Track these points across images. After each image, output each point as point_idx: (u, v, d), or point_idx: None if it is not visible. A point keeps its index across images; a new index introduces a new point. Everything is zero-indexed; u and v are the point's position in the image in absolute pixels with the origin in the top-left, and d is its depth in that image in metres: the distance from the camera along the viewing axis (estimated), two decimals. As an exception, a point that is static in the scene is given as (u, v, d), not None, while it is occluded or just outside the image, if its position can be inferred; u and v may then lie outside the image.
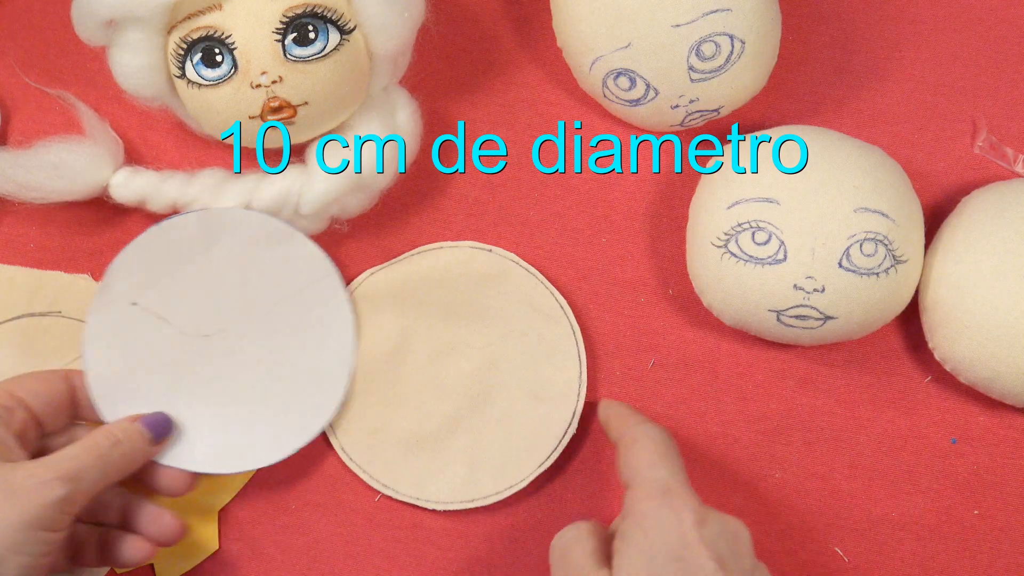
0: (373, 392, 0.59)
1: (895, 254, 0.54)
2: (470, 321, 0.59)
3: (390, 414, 0.59)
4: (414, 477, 0.58)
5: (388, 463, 0.58)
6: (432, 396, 0.59)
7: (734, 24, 0.54)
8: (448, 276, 0.60)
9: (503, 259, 0.60)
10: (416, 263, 0.60)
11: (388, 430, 0.59)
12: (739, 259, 0.54)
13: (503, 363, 0.59)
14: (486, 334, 0.59)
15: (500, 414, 0.59)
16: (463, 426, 0.59)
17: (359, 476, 0.58)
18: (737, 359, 0.60)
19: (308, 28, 0.52)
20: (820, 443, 0.59)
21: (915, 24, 0.62)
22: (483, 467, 0.58)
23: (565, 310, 0.60)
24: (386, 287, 0.59)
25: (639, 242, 0.61)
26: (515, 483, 0.58)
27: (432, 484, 0.58)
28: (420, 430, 0.59)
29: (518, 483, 0.58)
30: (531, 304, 0.59)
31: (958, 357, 0.56)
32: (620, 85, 0.56)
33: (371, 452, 0.58)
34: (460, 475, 0.58)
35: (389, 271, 0.60)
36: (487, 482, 0.58)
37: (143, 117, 0.61)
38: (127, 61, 0.54)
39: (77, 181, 0.57)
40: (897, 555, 0.59)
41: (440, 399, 0.59)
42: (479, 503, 0.58)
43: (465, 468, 0.58)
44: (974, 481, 0.59)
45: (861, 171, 0.55)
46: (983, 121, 0.61)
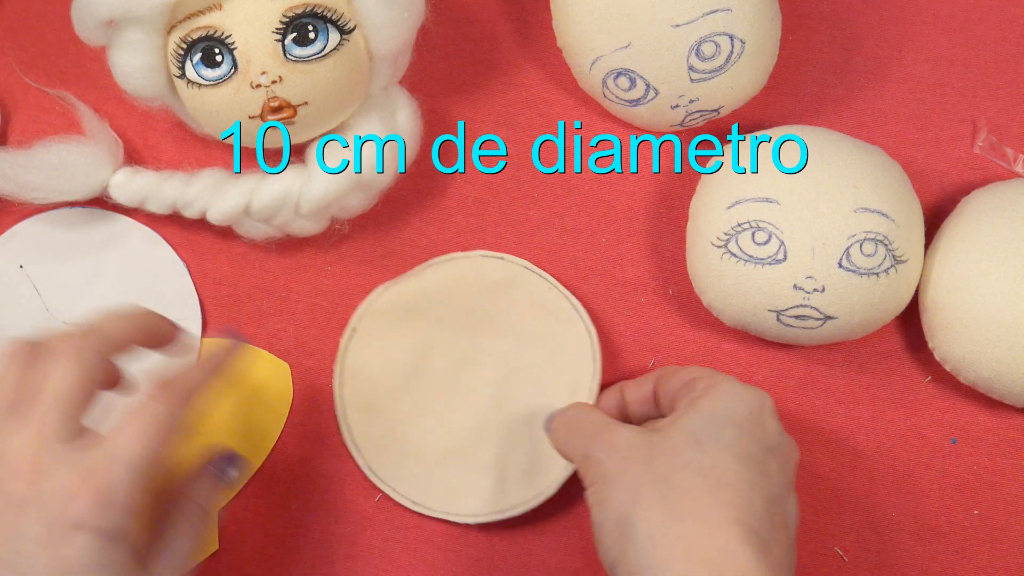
0: (395, 408, 0.59)
1: (895, 254, 0.54)
2: (486, 330, 0.59)
3: (413, 429, 0.58)
4: (443, 492, 0.58)
5: (415, 479, 0.58)
6: (454, 408, 0.59)
7: (734, 24, 0.54)
8: (461, 286, 0.60)
9: (515, 266, 0.60)
10: (428, 275, 0.60)
11: (413, 445, 0.58)
12: (739, 259, 0.54)
13: (522, 369, 0.59)
14: (503, 341, 0.59)
15: (523, 421, 0.58)
16: (488, 436, 0.58)
17: (388, 494, 0.58)
18: (737, 359, 0.60)
19: (308, 28, 0.52)
20: (820, 443, 0.59)
21: (915, 24, 0.62)
22: (511, 476, 0.58)
23: (579, 311, 0.59)
24: (400, 302, 0.59)
25: (639, 242, 0.61)
26: (543, 490, 0.58)
27: (462, 497, 0.58)
28: (445, 443, 0.58)
29: (546, 489, 0.58)
30: (545, 308, 0.59)
31: (958, 357, 0.56)
32: (620, 85, 0.56)
33: (397, 469, 0.58)
34: (489, 486, 0.58)
35: (402, 285, 0.60)
36: (516, 491, 0.58)
37: (143, 117, 0.61)
38: (127, 61, 0.54)
39: (77, 181, 0.57)
40: (897, 555, 0.59)
41: (463, 410, 0.59)
42: (509, 513, 0.57)
43: (493, 478, 0.58)
44: (974, 481, 0.59)
45: (861, 171, 0.55)
46: (983, 121, 0.61)
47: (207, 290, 0.60)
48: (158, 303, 0.59)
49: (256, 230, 0.58)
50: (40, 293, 0.59)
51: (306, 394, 0.60)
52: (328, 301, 0.60)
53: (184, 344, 0.52)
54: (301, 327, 0.60)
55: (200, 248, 0.61)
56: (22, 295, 0.59)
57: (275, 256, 0.61)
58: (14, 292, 0.60)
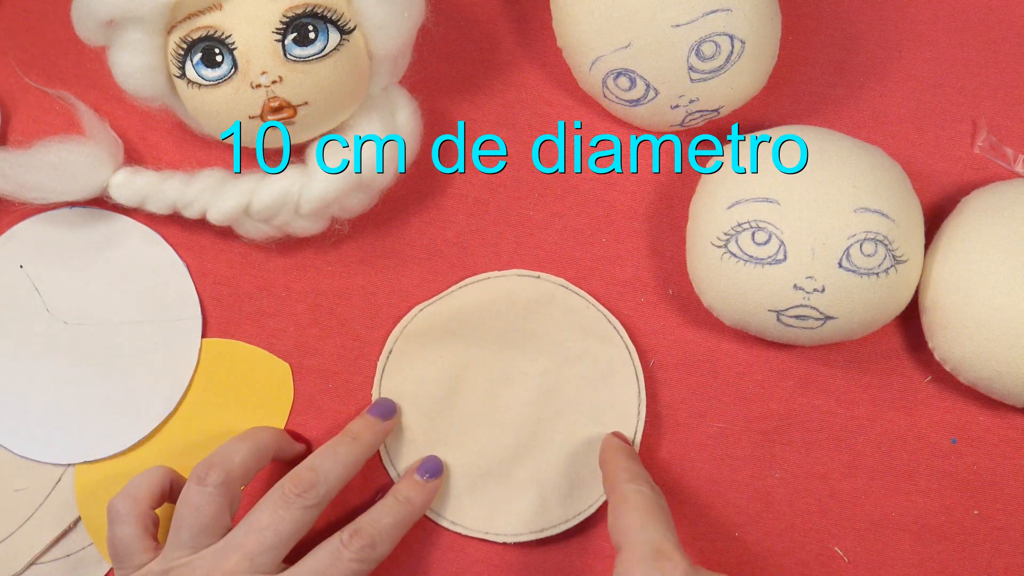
0: (433, 429, 0.59)
1: (895, 254, 0.54)
2: (524, 349, 0.59)
3: (451, 449, 0.58)
4: (483, 511, 0.58)
5: (453, 499, 0.58)
6: (493, 428, 0.59)
7: (734, 24, 0.54)
8: (497, 306, 0.60)
9: (551, 284, 0.60)
10: (463, 296, 0.60)
11: (451, 465, 0.58)
12: (739, 259, 0.54)
13: (560, 389, 0.59)
14: (541, 361, 0.59)
15: (562, 440, 0.58)
16: (526, 456, 0.58)
17: (426, 514, 0.58)
18: (737, 359, 0.60)
19: (308, 28, 0.52)
20: (820, 443, 0.59)
21: (915, 24, 0.62)
22: (551, 496, 0.58)
23: (619, 330, 0.59)
24: (436, 322, 0.59)
25: (639, 242, 0.61)
26: (584, 509, 0.58)
27: (502, 517, 0.58)
28: (484, 463, 0.58)
29: (587, 509, 0.58)
30: (583, 327, 0.59)
31: (958, 357, 0.56)
32: (620, 85, 0.56)
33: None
34: (529, 506, 0.58)
35: (437, 306, 0.60)
36: (556, 510, 0.58)
37: (143, 117, 0.61)
38: (127, 61, 0.54)
39: (77, 181, 0.57)
40: (897, 555, 0.59)
41: (501, 430, 0.59)
42: (549, 532, 0.57)
43: (533, 498, 0.58)
44: (974, 481, 0.59)
45: (861, 171, 0.55)
46: (983, 121, 0.61)
47: (207, 290, 0.60)
48: (158, 303, 0.59)
49: (256, 230, 0.58)
50: (40, 293, 0.59)
51: (306, 394, 0.60)
52: (328, 301, 0.60)
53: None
54: (301, 327, 0.60)
55: (200, 248, 0.61)
56: (22, 295, 0.59)
57: (275, 256, 0.61)
58: (14, 292, 0.60)
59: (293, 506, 0.52)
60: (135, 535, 0.53)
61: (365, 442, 0.56)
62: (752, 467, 0.59)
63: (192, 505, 0.52)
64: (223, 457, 0.54)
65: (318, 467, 0.54)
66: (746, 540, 0.59)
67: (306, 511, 0.52)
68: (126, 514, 0.53)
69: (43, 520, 0.58)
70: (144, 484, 0.54)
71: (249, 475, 0.54)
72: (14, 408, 0.59)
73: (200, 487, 0.52)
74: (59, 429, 0.59)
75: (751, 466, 0.59)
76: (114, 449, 0.59)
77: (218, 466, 0.53)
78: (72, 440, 0.59)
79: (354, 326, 0.60)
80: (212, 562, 0.51)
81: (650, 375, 0.60)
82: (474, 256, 0.61)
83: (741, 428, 0.59)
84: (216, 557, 0.51)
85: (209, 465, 0.53)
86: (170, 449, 0.59)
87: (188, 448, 0.58)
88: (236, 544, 0.51)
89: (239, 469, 0.54)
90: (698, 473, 0.59)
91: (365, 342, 0.60)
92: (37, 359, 0.59)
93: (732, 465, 0.59)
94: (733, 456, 0.59)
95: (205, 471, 0.53)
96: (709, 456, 0.59)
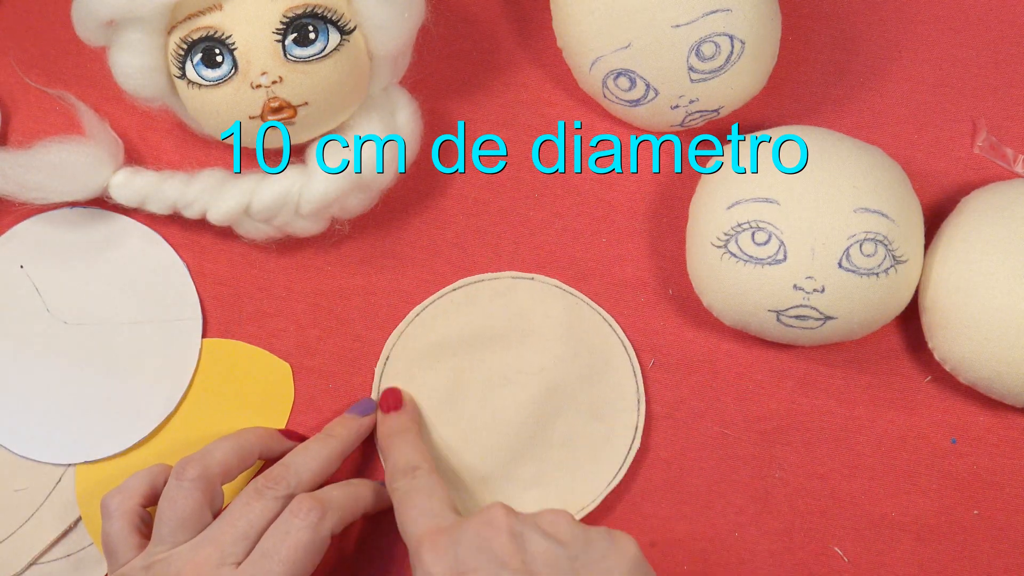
0: (433, 432, 0.59)
1: (895, 254, 0.54)
2: (520, 350, 0.59)
3: (452, 451, 0.58)
4: None
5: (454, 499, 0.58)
6: (493, 429, 0.59)
7: (734, 24, 0.54)
8: (492, 308, 0.60)
9: (546, 285, 0.60)
10: (457, 298, 0.60)
11: (452, 469, 0.58)
12: (739, 259, 0.54)
13: (558, 387, 0.59)
14: (538, 361, 0.59)
15: (562, 439, 0.59)
16: (527, 456, 0.58)
17: None
18: (737, 359, 0.60)
19: (308, 28, 0.52)
20: (820, 443, 0.59)
21: (915, 24, 0.62)
22: (552, 494, 0.58)
23: (613, 327, 0.59)
24: (431, 326, 0.59)
25: (639, 242, 0.61)
26: (585, 505, 0.58)
27: None
28: (485, 465, 0.58)
29: (588, 506, 0.58)
30: (579, 326, 0.59)
31: (958, 357, 0.56)
32: (620, 85, 0.56)
33: None
34: (530, 505, 0.58)
35: (432, 309, 0.60)
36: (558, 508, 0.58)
37: (143, 117, 0.61)
38: (127, 61, 0.54)
39: (77, 181, 0.57)
40: (897, 555, 0.59)
41: (501, 431, 0.59)
42: None
43: (535, 497, 0.58)
44: (974, 481, 0.59)
45: (861, 171, 0.55)
46: (983, 121, 0.61)
47: (207, 290, 0.60)
48: (158, 303, 0.59)
49: (256, 230, 0.58)
50: (40, 293, 0.59)
51: (306, 394, 0.60)
52: (328, 301, 0.60)
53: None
54: (301, 327, 0.60)
55: (200, 248, 0.61)
56: (22, 295, 0.60)
57: (275, 256, 0.61)
58: (14, 292, 0.60)
59: (264, 497, 0.53)
60: (123, 532, 0.53)
61: (339, 437, 0.57)
62: (752, 467, 0.59)
63: (169, 499, 0.53)
64: (203, 454, 0.55)
65: (289, 462, 0.55)
66: (746, 540, 0.59)
67: (276, 501, 0.53)
68: (115, 511, 0.54)
69: (43, 520, 0.58)
70: (136, 481, 0.55)
71: (230, 472, 0.55)
72: (14, 408, 0.59)
73: (178, 482, 0.53)
74: (59, 429, 0.59)
75: (751, 466, 0.59)
76: (114, 449, 0.59)
77: (196, 461, 0.54)
78: (72, 440, 0.59)
79: (354, 326, 0.60)
80: (188, 555, 0.52)
81: (650, 375, 0.60)
82: (474, 256, 0.61)
83: (741, 428, 0.59)
84: (192, 550, 0.52)
85: (188, 461, 0.54)
86: (170, 449, 0.59)
87: (188, 448, 0.58)
88: (211, 537, 0.52)
89: (218, 466, 0.54)
90: (698, 473, 0.59)
91: (365, 342, 0.60)
92: (37, 359, 0.59)
93: (732, 465, 0.59)
94: (733, 456, 0.59)
95: (183, 466, 0.54)
96: (709, 456, 0.59)
